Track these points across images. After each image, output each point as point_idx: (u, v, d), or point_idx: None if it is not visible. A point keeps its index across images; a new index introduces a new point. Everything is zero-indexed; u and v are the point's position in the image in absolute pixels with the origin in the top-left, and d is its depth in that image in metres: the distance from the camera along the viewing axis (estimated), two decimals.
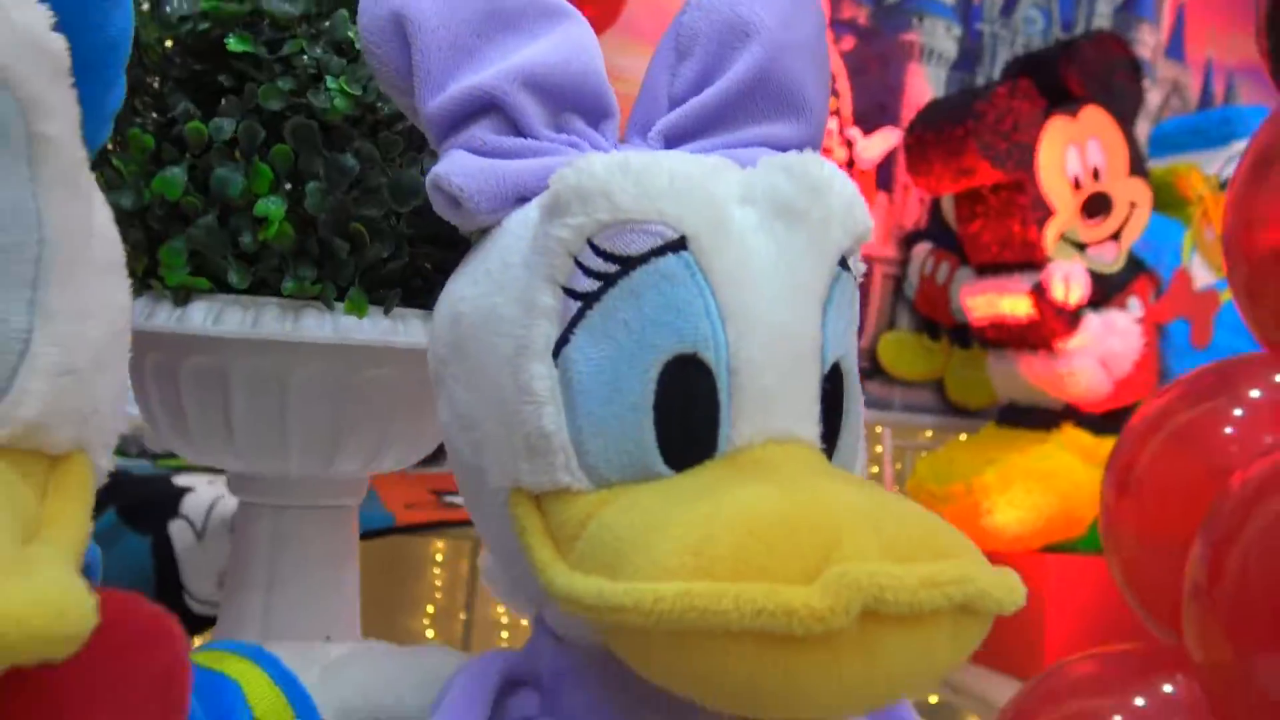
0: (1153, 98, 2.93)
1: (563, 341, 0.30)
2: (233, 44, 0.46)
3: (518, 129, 0.37)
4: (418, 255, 0.51)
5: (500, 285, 0.32)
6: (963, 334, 2.69)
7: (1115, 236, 2.38)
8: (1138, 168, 2.37)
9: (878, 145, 2.60)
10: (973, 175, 2.34)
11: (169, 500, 1.66)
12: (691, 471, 0.29)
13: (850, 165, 2.61)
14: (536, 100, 0.37)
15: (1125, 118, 2.45)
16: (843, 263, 0.33)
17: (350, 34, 0.49)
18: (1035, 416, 2.47)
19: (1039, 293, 2.28)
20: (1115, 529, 0.92)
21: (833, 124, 2.58)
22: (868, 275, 2.66)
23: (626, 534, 0.26)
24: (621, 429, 0.29)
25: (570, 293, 0.30)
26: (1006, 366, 2.44)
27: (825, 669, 0.24)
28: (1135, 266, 2.42)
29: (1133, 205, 2.33)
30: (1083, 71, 2.38)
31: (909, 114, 2.56)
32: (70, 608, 0.19)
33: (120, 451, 1.83)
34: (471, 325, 0.32)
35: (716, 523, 0.25)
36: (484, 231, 0.36)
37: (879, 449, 2.74)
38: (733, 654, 0.24)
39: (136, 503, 1.70)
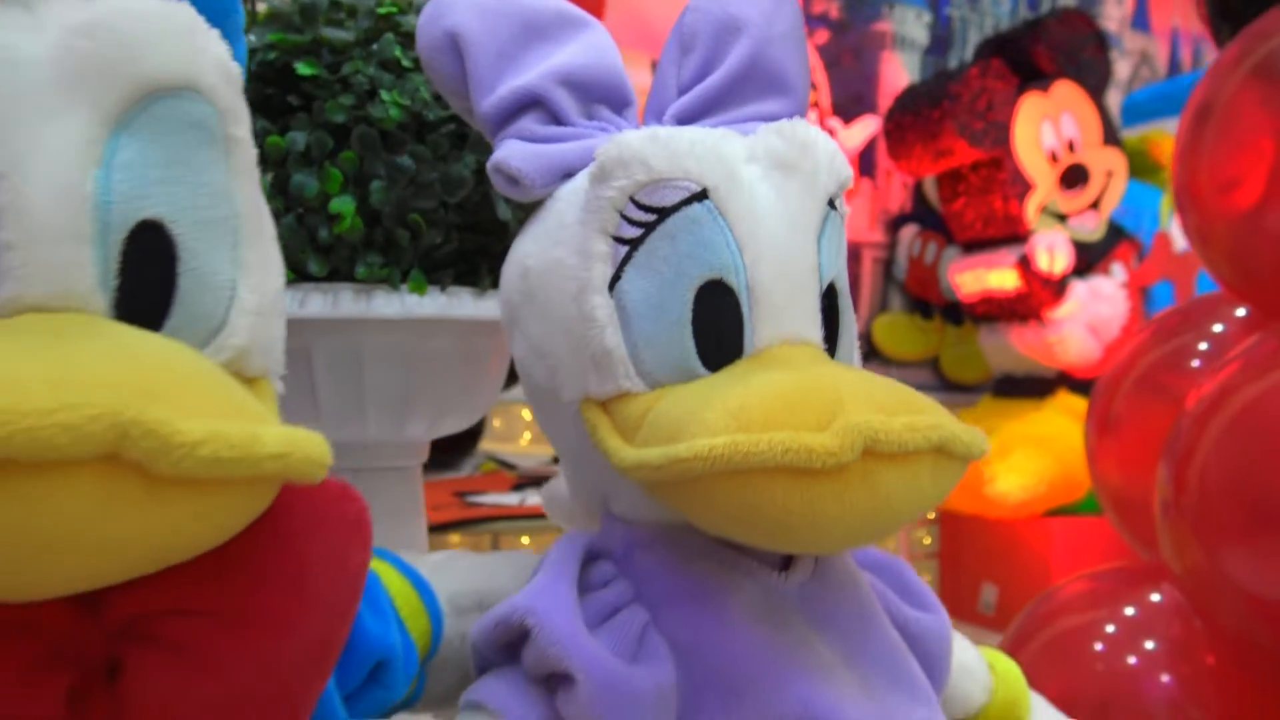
0: (1122, 69, 3.02)
1: (615, 278, 0.38)
2: (300, 69, 0.54)
3: (557, 119, 0.46)
4: (465, 240, 0.59)
5: (559, 240, 0.41)
6: (954, 312, 2.76)
7: (1094, 205, 2.47)
8: (1111, 137, 2.46)
9: (858, 134, 2.69)
10: (952, 155, 2.42)
11: None
12: (725, 370, 0.37)
13: None
14: (571, 95, 0.46)
15: (1096, 90, 2.55)
16: (830, 204, 0.41)
17: (397, 54, 0.57)
18: (1030, 386, 2.54)
19: (1024, 265, 2.36)
20: (1099, 466, 1.00)
21: (812, 116, 2.67)
22: (857, 261, 2.74)
23: (679, 413, 0.35)
24: (668, 341, 0.37)
25: (619, 240, 0.39)
26: (998, 340, 2.51)
27: (838, 496, 0.32)
28: (1116, 233, 2.50)
29: (1109, 174, 2.43)
30: (1051, 48, 2.47)
31: (886, 102, 2.65)
32: (320, 443, 0.26)
33: None
34: (539, 274, 0.41)
35: (749, 395, 0.33)
36: (537, 204, 0.45)
37: None
38: (768, 488, 0.32)
39: None
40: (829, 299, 0.40)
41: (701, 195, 0.38)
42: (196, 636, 0.27)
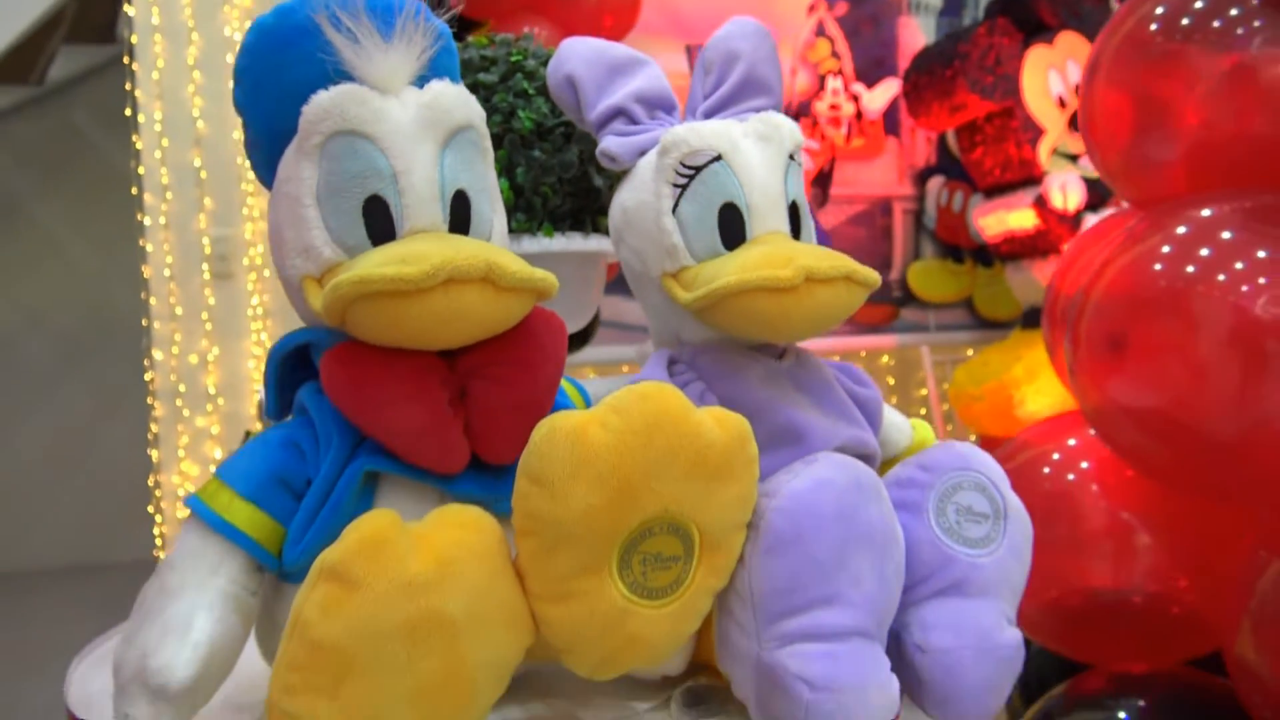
0: None
1: (674, 207, 0.72)
2: None
3: (634, 121, 0.80)
4: (574, 202, 0.94)
5: (642, 189, 0.75)
6: (984, 254, 3.05)
7: None
8: None
9: (881, 96, 3.00)
10: (966, 109, 2.72)
11: None
12: (736, 249, 0.71)
13: (859, 117, 3.00)
14: (641, 106, 0.80)
15: (1097, 37, 2.82)
16: (791, 157, 0.75)
17: (525, 86, 0.92)
18: None
19: (1041, 204, 2.65)
20: (1055, 349, 1.33)
21: (838, 83, 2.97)
22: (889, 214, 3.04)
23: (712, 272, 0.69)
24: (708, 237, 0.71)
25: (675, 185, 0.72)
26: (1024, 275, 2.79)
27: (796, 304, 0.66)
28: None
29: None
30: (1054, 2, 2.75)
31: (906, 64, 2.94)
32: (553, 278, 0.61)
33: None
34: (633, 209, 0.75)
35: (748, 257, 0.67)
36: (625, 173, 0.79)
37: (921, 373, 3.13)
38: (756, 302, 0.66)
39: None
40: (794, 210, 0.75)
41: (718, 158, 0.72)
42: (502, 372, 0.63)
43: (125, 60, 2.92)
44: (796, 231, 0.75)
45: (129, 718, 0.58)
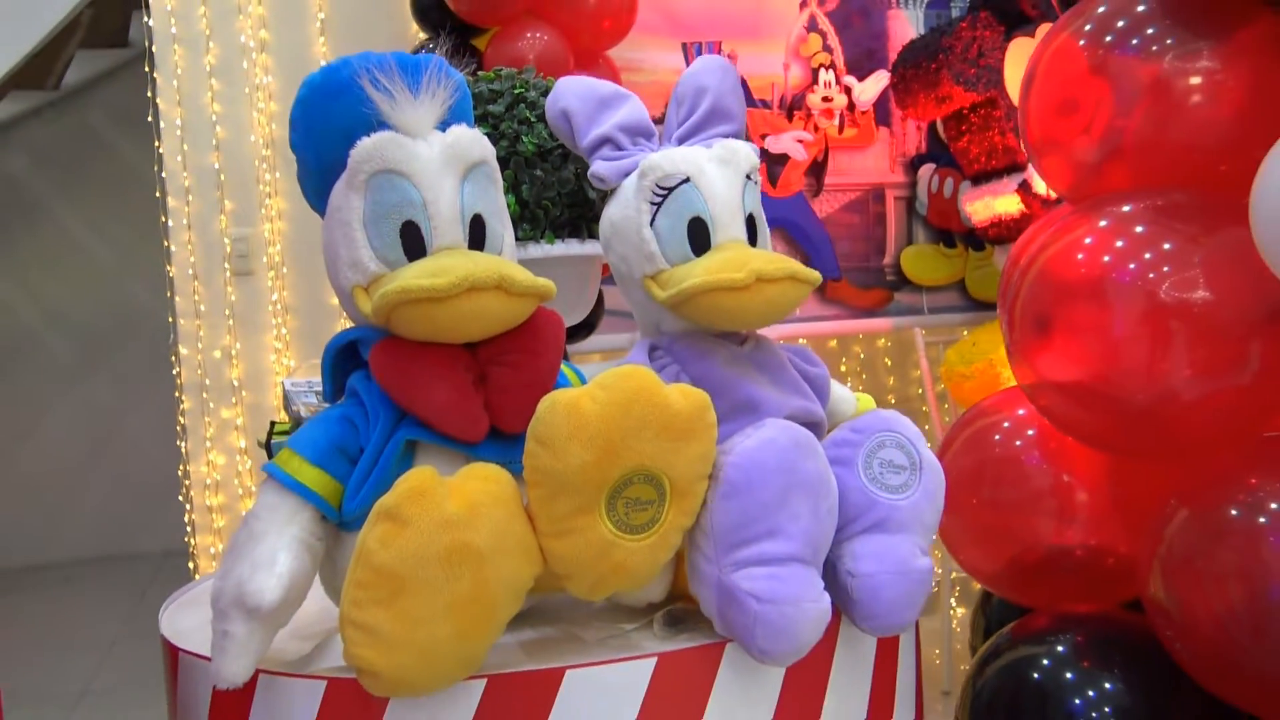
0: None
1: (652, 220, 0.89)
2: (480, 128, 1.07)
3: (619, 148, 0.96)
4: (571, 212, 1.11)
5: (626, 205, 0.91)
6: (975, 238, 3.20)
7: None
8: None
9: (872, 88, 3.15)
10: (951, 100, 2.87)
11: None
12: (703, 255, 0.88)
13: (851, 108, 3.15)
14: (625, 135, 0.96)
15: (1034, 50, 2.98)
16: (748, 176, 0.92)
17: (528, 114, 1.09)
18: None
19: (1025, 190, 2.81)
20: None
21: (830, 76, 3.12)
22: (882, 201, 3.20)
23: (683, 274, 0.86)
24: (680, 245, 0.88)
25: (652, 203, 0.89)
26: None
27: (750, 298, 0.83)
28: None
29: None
30: None
31: (896, 56, 3.09)
32: (551, 285, 0.77)
33: None
34: (619, 222, 0.91)
35: (711, 262, 0.84)
36: (612, 190, 0.96)
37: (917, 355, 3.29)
38: (718, 298, 0.82)
39: None
40: (750, 221, 0.92)
41: (687, 180, 0.89)
42: (514, 359, 0.80)
43: (146, 69, 3.10)
44: (753, 239, 0.92)
45: (228, 634, 0.76)
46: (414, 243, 0.80)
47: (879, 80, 3.14)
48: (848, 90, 3.13)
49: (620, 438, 0.72)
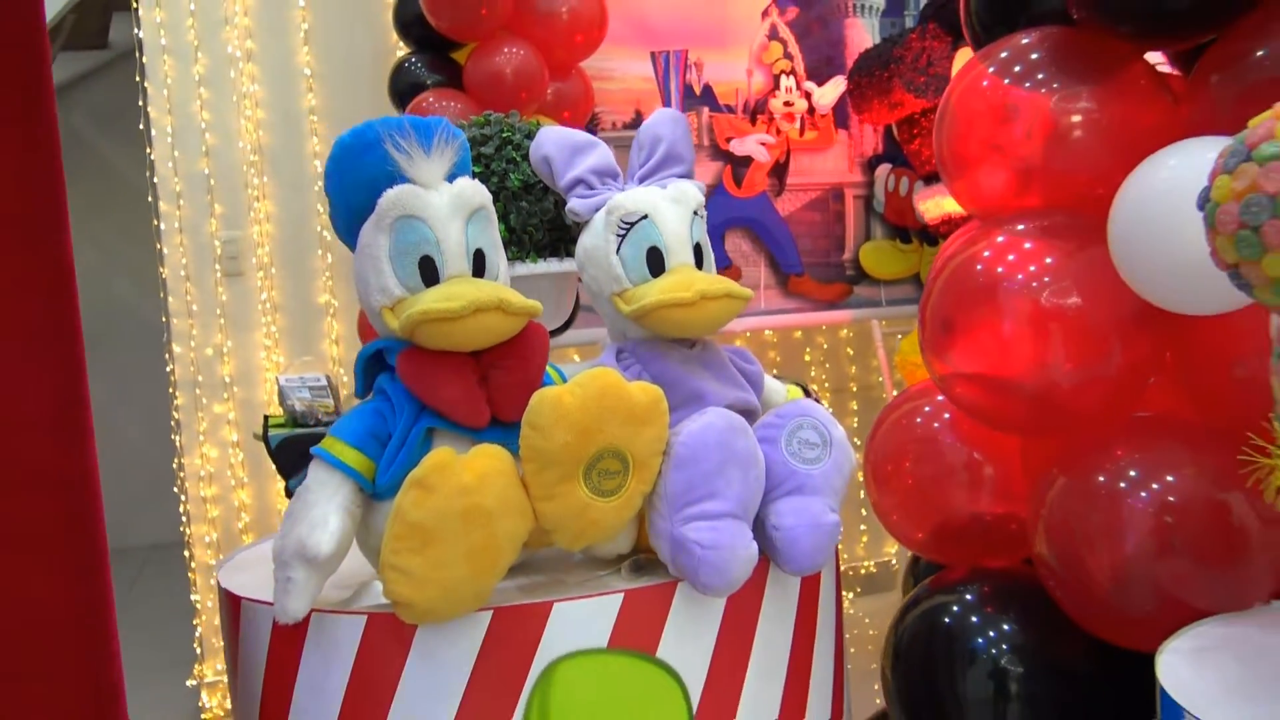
0: None
1: (618, 249, 1.13)
2: (474, 168, 1.31)
3: (591, 188, 1.20)
4: (551, 235, 1.35)
5: (596, 235, 1.14)
6: (928, 234, 3.46)
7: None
8: None
9: (831, 92, 3.39)
10: (903, 106, 3.13)
11: None
12: (659, 277, 1.13)
13: (811, 112, 3.40)
14: (596, 176, 1.20)
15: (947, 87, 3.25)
16: (695, 213, 1.16)
17: (514, 154, 1.33)
18: None
19: None
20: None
21: (791, 81, 3.36)
22: (841, 200, 3.45)
23: (642, 292, 1.10)
24: (640, 269, 1.11)
25: (617, 235, 1.13)
26: None
27: (698, 312, 1.07)
28: None
29: None
30: None
31: (852, 62, 3.34)
32: (539, 306, 1.01)
33: (319, 422, 2.72)
34: (591, 249, 1.15)
35: (665, 282, 1.08)
36: (585, 223, 1.20)
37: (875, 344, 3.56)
38: (671, 312, 1.06)
39: None
40: (698, 249, 1.17)
41: (645, 216, 1.14)
42: (510, 364, 1.03)
43: (128, 71, 3.30)
44: (700, 263, 1.17)
45: (290, 579, 1.00)
46: (429, 273, 1.05)
47: (837, 85, 3.39)
48: (808, 95, 3.38)
49: (594, 423, 0.96)
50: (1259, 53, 1.29)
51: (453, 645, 0.99)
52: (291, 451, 2.63)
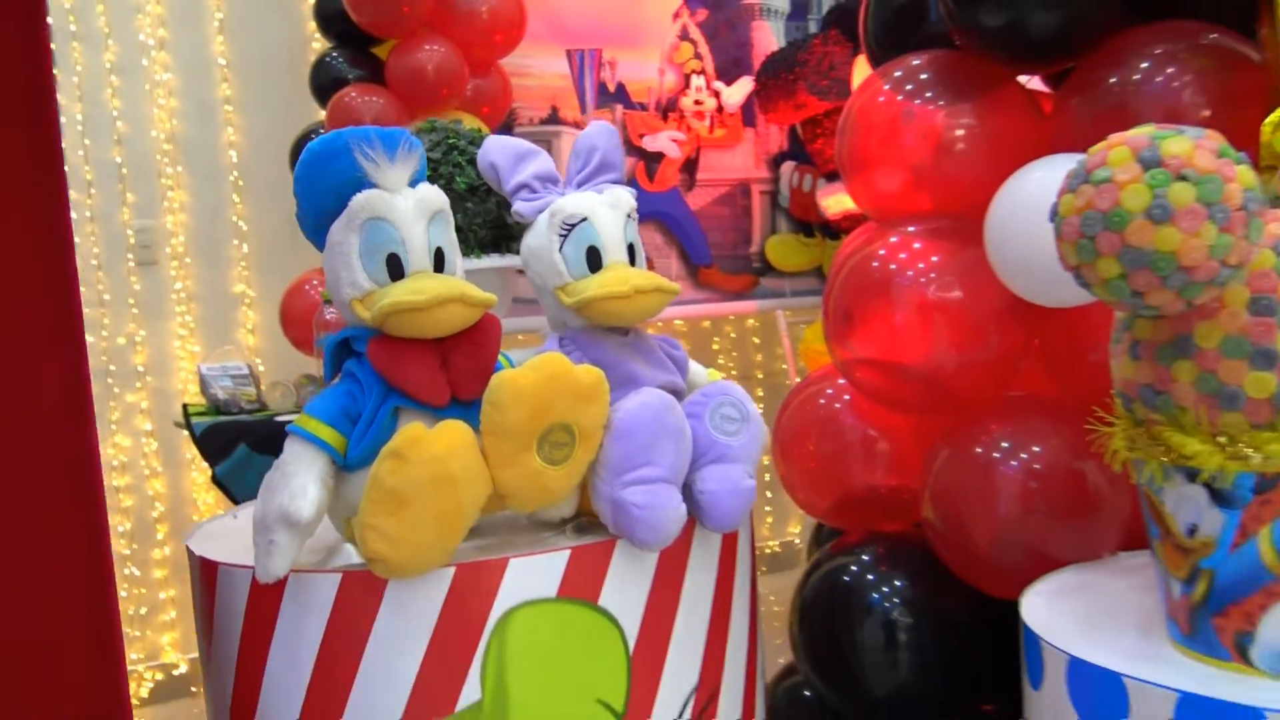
0: None
1: (560, 248, 1.29)
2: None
3: (534, 192, 1.36)
4: (495, 233, 1.50)
5: (540, 236, 1.29)
6: (830, 228, 3.70)
7: None
8: None
9: (739, 92, 3.60)
10: (807, 108, 3.36)
11: (282, 432, 2.64)
12: (597, 273, 1.29)
13: (720, 110, 3.60)
14: (539, 181, 1.35)
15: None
16: (629, 215, 1.33)
17: (459, 159, 1.47)
18: None
19: None
20: None
21: (701, 81, 3.55)
22: (749, 195, 3.66)
23: (583, 287, 1.26)
24: (580, 266, 1.28)
25: (559, 235, 1.28)
26: None
27: (632, 304, 1.23)
28: None
29: None
30: None
31: (760, 63, 3.55)
32: (494, 298, 1.16)
33: (242, 410, 2.84)
34: (536, 248, 1.30)
35: (602, 278, 1.25)
36: (530, 224, 1.35)
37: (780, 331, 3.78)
38: (608, 303, 1.24)
39: (261, 437, 2.70)
40: (631, 248, 1.33)
41: (584, 219, 1.30)
42: (468, 349, 1.19)
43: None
44: (633, 260, 1.34)
45: (274, 543, 1.14)
46: (396, 268, 1.19)
47: (745, 85, 3.60)
48: (717, 94, 3.58)
49: (546, 401, 1.13)
50: (1111, 80, 1.52)
51: (421, 597, 1.14)
52: (217, 438, 2.72)
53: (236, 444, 2.64)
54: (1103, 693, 1.08)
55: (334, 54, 3.01)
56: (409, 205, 1.20)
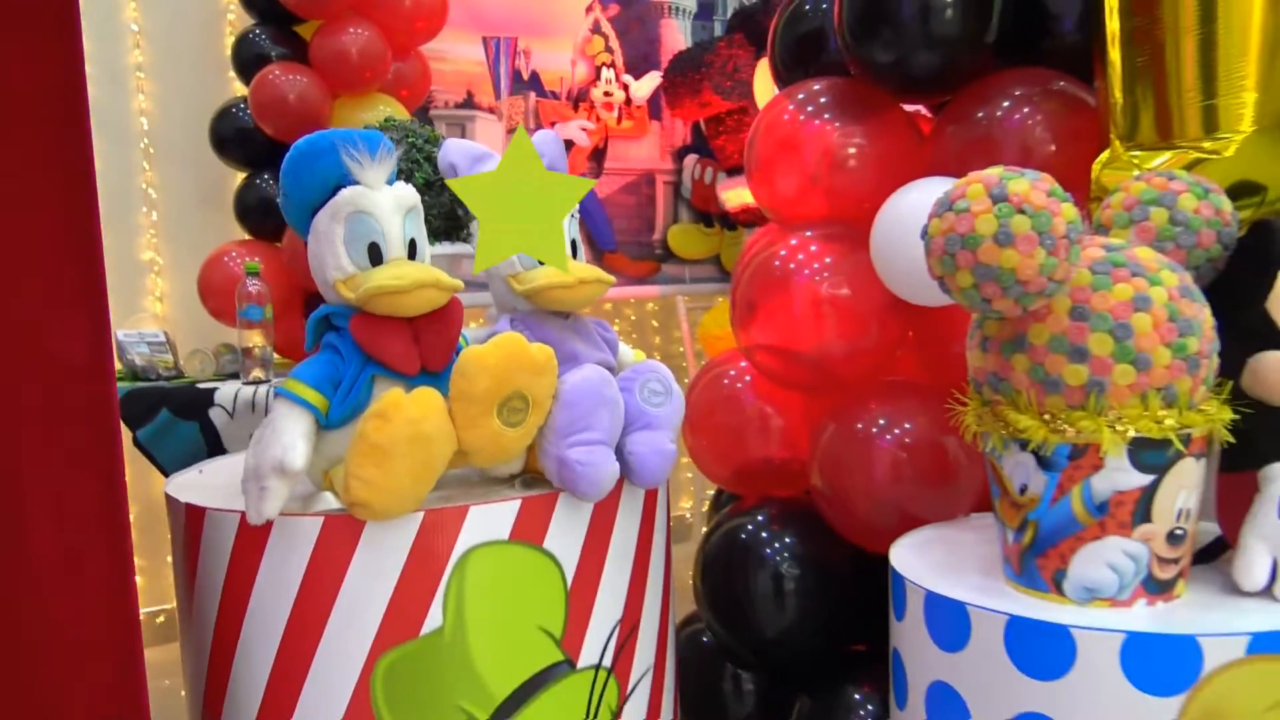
0: None
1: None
2: None
3: None
4: (447, 223, 1.72)
5: None
6: (728, 220, 4.00)
7: None
8: None
9: (646, 86, 3.85)
10: (711, 106, 3.63)
11: (204, 398, 2.79)
12: (544, 265, 1.53)
13: (628, 103, 3.84)
14: None
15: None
16: (572, 215, 1.57)
17: (417, 156, 1.69)
18: None
19: None
20: None
21: (611, 74, 3.79)
22: (652, 185, 3.93)
23: (532, 276, 1.50)
24: (529, 259, 1.53)
25: None
26: None
27: (573, 292, 1.47)
28: None
29: None
30: None
31: (667, 59, 3.81)
32: (460, 283, 1.38)
33: (160, 377, 2.99)
34: None
35: (550, 270, 1.49)
36: None
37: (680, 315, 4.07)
38: (556, 291, 1.48)
39: (182, 403, 2.84)
40: (574, 245, 1.58)
41: None
42: (436, 327, 1.41)
43: None
44: (575, 254, 1.58)
45: (266, 488, 1.35)
46: (375, 256, 1.41)
47: (652, 80, 3.85)
48: (625, 87, 3.82)
49: (506, 373, 1.37)
50: (979, 114, 1.83)
51: (394, 538, 1.37)
52: (138, 403, 2.84)
53: (158, 409, 2.78)
54: (951, 618, 1.37)
55: (257, 31, 3.13)
56: (388, 201, 1.42)
